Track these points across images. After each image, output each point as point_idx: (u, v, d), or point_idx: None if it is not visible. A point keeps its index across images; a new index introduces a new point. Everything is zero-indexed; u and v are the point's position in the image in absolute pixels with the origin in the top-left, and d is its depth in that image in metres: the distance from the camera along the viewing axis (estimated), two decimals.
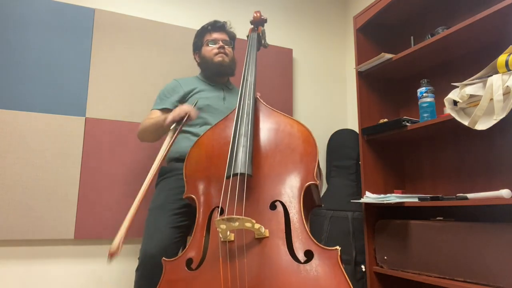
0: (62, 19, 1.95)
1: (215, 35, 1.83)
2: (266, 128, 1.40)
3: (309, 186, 1.24)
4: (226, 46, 1.82)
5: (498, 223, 1.37)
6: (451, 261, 1.47)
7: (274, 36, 2.50)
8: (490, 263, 1.35)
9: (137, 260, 1.49)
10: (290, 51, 2.50)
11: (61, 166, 1.85)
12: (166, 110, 1.73)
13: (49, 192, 1.81)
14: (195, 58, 1.90)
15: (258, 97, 1.53)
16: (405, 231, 1.68)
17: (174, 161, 1.68)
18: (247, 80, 1.55)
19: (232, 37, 1.90)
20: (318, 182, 1.26)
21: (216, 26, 1.84)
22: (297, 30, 2.59)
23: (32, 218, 1.76)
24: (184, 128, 1.71)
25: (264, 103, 1.50)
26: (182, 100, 1.75)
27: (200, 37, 1.86)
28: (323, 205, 1.47)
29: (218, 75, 1.83)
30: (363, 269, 1.93)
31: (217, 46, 1.80)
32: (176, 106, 1.71)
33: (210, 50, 1.81)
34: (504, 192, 1.31)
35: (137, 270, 1.46)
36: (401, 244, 1.69)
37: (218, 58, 1.79)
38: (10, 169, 1.76)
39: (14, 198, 1.75)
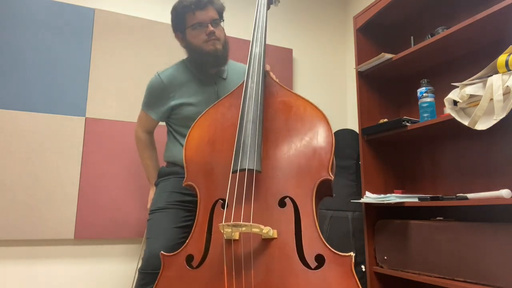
0: (62, 19, 1.95)
1: (201, 16, 1.49)
2: (276, 110, 1.22)
3: (322, 181, 1.09)
4: (216, 30, 1.51)
5: (498, 223, 1.37)
6: (451, 261, 1.47)
7: (274, 36, 2.50)
8: (490, 263, 1.35)
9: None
10: (290, 51, 2.50)
11: (61, 166, 1.85)
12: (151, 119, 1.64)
13: (49, 192, 1.81)
14: (176, 38, 1.60)
15: (267, 70, 1.35)
16: (405, 231, 1.68)
17: (172, 165, 1.63)
18: (254, 51, 1.32)
19: (221, 11, 1.56)
20: (332, 178, 1.10)
21: (201, 3, 1.48)
22: (297, 30, 2.59)
23: (32, 218, 1.76)
24: (173, 133, 1.63)
25: (274, 78, 1.32)
26: (170, 109, 1.58)
27: (181, 16, 1.52)
28: (334, 195, 1.34)
29: (211, 66, 1.56)
30: (363, 269, 1.93)
31: (206, 31, 1.49)
32: (161, 117, 1.61)
33: (198, 36, 1.50)
34: (504, 192, 1.31)
35: (140, 270, 1.45)
36: (401, 244, 1.69)
37: (209, 47, 1.50)
38: (10, 169, 1.76)
39: (14, 198, 1.75)
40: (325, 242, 1.02)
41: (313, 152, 1.13)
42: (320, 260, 1.00)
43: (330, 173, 1.09)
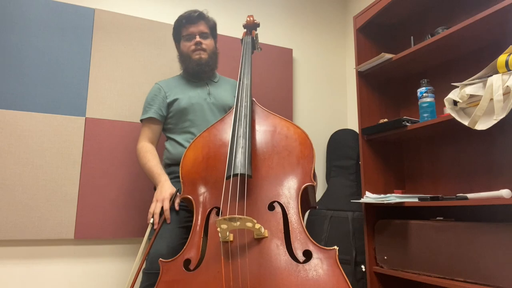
0: (62, 19, 1.95)
1: (191, 29, 1.72)
2: (263, 130, 1.41)
3: (306, 187, 1.27)
4: (203, 40, 1.72)
5: (498, 223, 1.37)
6: (451, 261, 1.47)
7: (274, 36, 2.50)
8: (490, 263, 1.35)
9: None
10: (290, 51, 2.50)
11: (61, 166, 1.85)
12: (153, 120, 1.69)
13: (49, 192, 1.81)
14: (176, 48, 1.84)
15: (254, 99, 1.53)
16: (405, 231, 1.68)
17: (169, 166, 1.67)
18: (243, 82, 1.55)
19: (211, 26, 1.79)
20: (315, 183, 1.28)
21: (191, 18, 1.72)
22: (297, 30, 2.59)
23: (32, 218, 1.76)
24: (172, 136, 1.70)
25: (260, 105, 1.51)
26: (166, 107, 1.70)
27: (177, 31, 1.77)
28: (317, 207, 1.50)
29: (197, 73, 1.75)
30: (363, 269, 1.93)
31: (193, 42, 1.71)
32: (160, 115, 1.69)
33: (188, 46, 1.73)
34: (504, 192, 1.31)
35: (145, 271, 1.45)
36: (401, 244, 1.69)
37: (195, 56, 1.71)
38: (10, 169, 1.76)
39: (14, 198, 1.75)
40: (311, 239, 1.15)
41: (296, 163, 1.31)
42: (308, 254, 1.13)
43: (313, 180, 1.27)
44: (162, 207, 1.46)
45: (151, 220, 1.46)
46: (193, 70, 1.74)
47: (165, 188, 1.50)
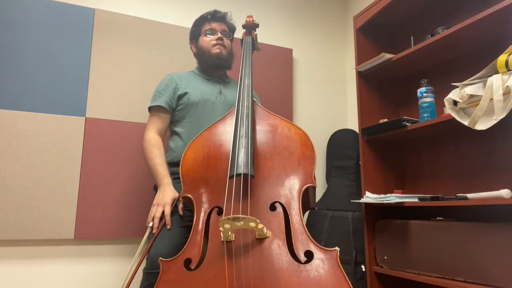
0: (62, 19, 1.95)
1: (214, 25, 1.76)
2: (264, 130, 1.41)
3: (307, 188, 1.27)
4: (224, 38, 1.76)
5: (498, 223, 1.37)
6: (451, 261, 1.47)
7: (274, 36, 2.50)
8: (490, 263, 1.35)
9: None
10: (290, 51, 2.50)
11: (61, 166, 1.85)
12: (162, 109, 1.67)
13: (49, 192, 1.81)
14: (191, 48, 1.85)
15: (254, 100, 1.53)
16: (405, 231, 1.68)
17: (172, 165, 1.65)
18: (244, 82, 1.55)
19: (231, 29, 1.84)
20: (316, 184, 1.29)
21: (216, 16, 1.77)
22: (297, 30, 2.59)
23: (32, 218, 1.76)
24: (177, 129, 1.69)
25: (260, 105, 1.51)
26: (176, 99, 1.69)
27: (198, 26, 1.79)
28: (316, 208, 1.50)
29: (214, 68, 1.77)
30: (363, 269, 1.93)
31: (215, 37, 1.74)
32: (170, 106, 1.68)
33: (208, 41, 1.75)
34: (504, 192, 1.31)
35: (146, 269, 1.45)
36: (401, 244, 1.69)
37: (215, 50, 1.73)
38: (10, 169, 1.76)
39: (14, 198, 1.75)
40: (313, 240, 1.16)
41: (298, 164, 1.32)
42: (309, 255, 1.13)
43: (314, 181, 1.28)
44: (162, 212, 1.46)
45: (150, 224, 1.46)
46: (213, 63, 1.74)
47: (167, 193, 1.49)
